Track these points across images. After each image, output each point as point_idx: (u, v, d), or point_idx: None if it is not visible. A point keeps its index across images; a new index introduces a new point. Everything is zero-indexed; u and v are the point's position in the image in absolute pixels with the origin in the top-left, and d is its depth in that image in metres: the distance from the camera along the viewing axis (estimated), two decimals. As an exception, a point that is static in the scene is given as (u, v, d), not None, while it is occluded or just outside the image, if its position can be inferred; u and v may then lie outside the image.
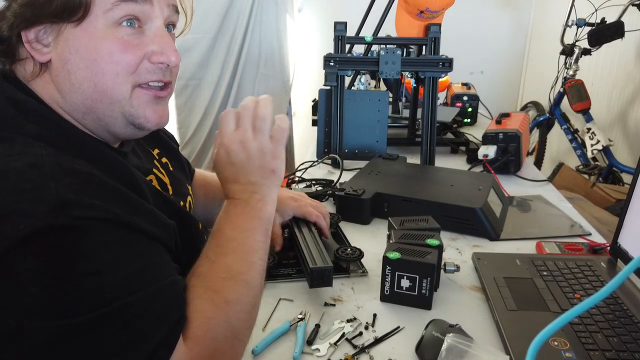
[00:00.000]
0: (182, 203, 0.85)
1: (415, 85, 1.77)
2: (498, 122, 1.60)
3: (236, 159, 0.73)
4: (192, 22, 0.78)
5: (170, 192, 0.82)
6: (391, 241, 0.88)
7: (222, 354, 0.59)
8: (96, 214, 0.53)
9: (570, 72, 2.61)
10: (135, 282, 0.54)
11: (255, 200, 0.72)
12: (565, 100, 2.65)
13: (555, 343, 0.71)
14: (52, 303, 0.49)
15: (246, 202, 0.72)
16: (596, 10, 2.48)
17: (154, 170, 0.80)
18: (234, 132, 0.74)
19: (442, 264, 0.89)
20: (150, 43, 0.64)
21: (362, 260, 0.95)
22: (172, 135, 0.97)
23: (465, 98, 2.11)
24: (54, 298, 0.49)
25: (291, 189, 1.33)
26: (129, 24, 0.62)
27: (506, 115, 1.64)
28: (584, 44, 2.53)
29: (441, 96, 2.31)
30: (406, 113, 1.93)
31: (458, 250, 1.05)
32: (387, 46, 1.49)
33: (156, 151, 0.87)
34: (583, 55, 2.59)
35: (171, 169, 0.88)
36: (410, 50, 1.68)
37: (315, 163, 1.52)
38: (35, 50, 0.61)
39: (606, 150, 2.44)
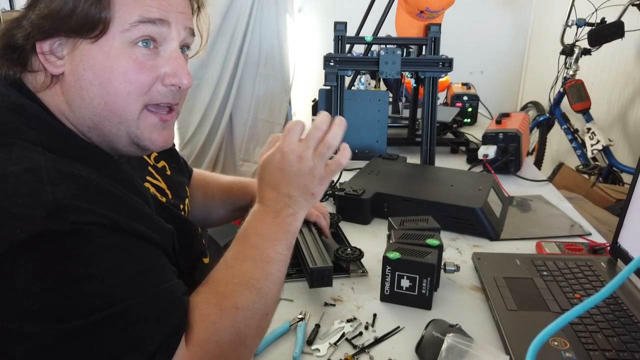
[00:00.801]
0: (181, 206, 0.85)
1: (415, 85, 1.77)
2: (498, 122, 1.60)
3: (287, 168, 0.73)
4: (207, 44, 0.78)
5: (170, 197, 0.82)
6: (391, 241, 0.88)
7: (225, 359, 0.59)
8: (94, 219, 0.53)
9: (570, 72, 2.61)
10: (134, 285, 0.54)
11: (287, 213, 0.72)
12: (565, 100, 2.65)
13: (555, 343, 0.71)
14: (52, 306, 0.49)
15: (277, 213, 0.72)
16: (596, 10, 2.48)
17: (148, 177, 0.80)
18: (296, 144, 0.74)
19: (442, 264, 0.89)
20: (164, 65, 0.65)
21: (362, 260, 0.95)
22: None
23: (465, 98, 2.11)
24: (53, 301, 0.49)
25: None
26: (144, 44, 0.62)
27: (506, 115, 1.64)
28: (584, 44, 2.53)
29: (441, 96, 2.31)
30: (406, 113, 1.93)
31: (458, 250, 1.04)
32: (387, 46, 1.49)
33: (154, 155, 0.87)
34: (583, 55, 2.59)
35: (169, 172, 0.88)
36: (410, 50, 1.68)
37: (315, 163, 1.52)
38: (49, 62, 0.62)
39: (606, 150, 2.44)
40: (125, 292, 0.53)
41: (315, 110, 1.96)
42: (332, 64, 1.47)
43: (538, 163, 2.79)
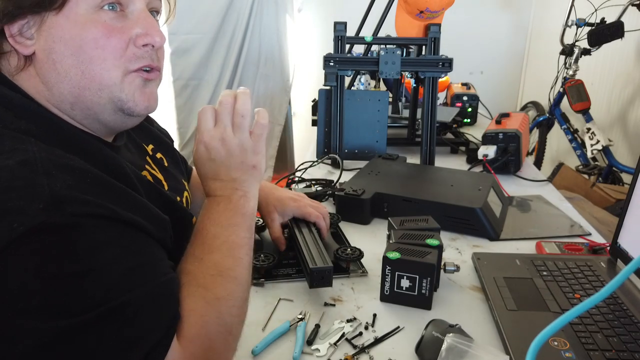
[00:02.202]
0: (178, 198, 0.85)
1: (415, 85, 1.77)
2: (498, 122, 1.60)
3: (216, 155, 0.72)
4: (176, 7, 0.77)
5: (166, 188, 0.82)
6: (391, 241, 0.88)
7: (216, 350, 0.59)
8: (91, 210, 0.53)
9: (570, 72, 2.61)
10: (133, 280, 0.54)
11: (238, 196, 0.72)
12: (565, 100, 2.65)
13: (555, 343, 0.71)
14: (51, 303, 0.49)
15: (228, 199, 0.71)
16: (596, 10, 2.48)
17: (146, 167, 0.79)
18: (213, 129, 0.73)
19: (442, 264, 0.89)
20: (133, 26, 0.64)
21: (362, 260, 0.95)
22: (166, 131, 0.96)
23: (465, 98, 2.11)
24: (52, 297, 0.49)
25: (291, 189, 1.33)
26: (110, 7, 0.62)
27: (506, 115, 1.64)
28: (584, 44, 2.53)
29: (441, 96, 2.31)
30: (406, 113, 1.93)
31: (458, 250, 1.04)
32: (387, 46, 1.49)
33: (150, 147, 0.86)
34: (583, 55, 2.59)
35: (166, 164, 0.87)
36: (410, 50, 1.68)
37: (315, 163, 1.52)
38: (19, 43, 0.61)
39: (606, 150, 2.44)
40: (124, 286, 0.53)
41: (315, 111, 1.96)
42: (332, 64, 1.47)
43: (538, 163, 2.79)
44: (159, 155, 0.87)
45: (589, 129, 2.51)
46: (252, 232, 0.72)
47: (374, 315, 0.81)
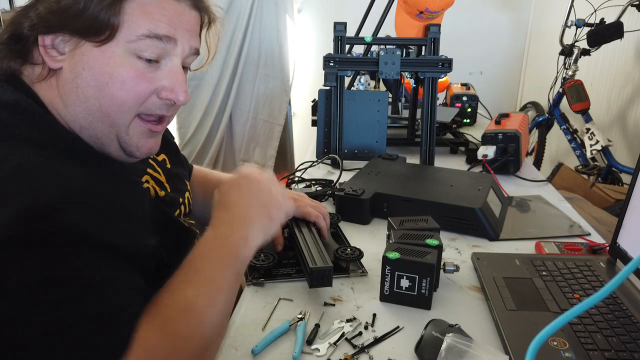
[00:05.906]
0: (180, 200, 0.85)
1: (414, 85, 1.77)
2: (497, 122, 1.60)
3: (246, 184, 0.75)
4: (212, 59, 0.79)
5: (168, 190, 0.82)
6: (391, 241, 0.88)
7: None
8: (60, 228, 0.51)
9: (570, 73, 2.62)
10: (83, 300, 0.51)
11: (238, 237, 0.69)
12: (564, 100, 2.65)
13: (555, 343, 0.71)
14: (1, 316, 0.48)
15: (227, 237, 0.68)
16: (595, 11, 2.49)
17: (148, 170, 0.79)
18: (256, 169, 0.79)
19: (442, 264, 0.89)
20: (163, 78, 0.65)
21: (362, 260, 0.95)
22: (169, 130, 0.97)
23: (464, 98, 2.11)
24: (1, 311, 0.48)
25: (291, 189, 1.33)
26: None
27: (505, 115, 1.64)
28: (583, 44, 2.53)
29: (440, 96, 2.31)
30: (406, 113, 1.93)
31: (457, 250, 1.05)
32: (387, 46, 1.49)
33: None
34: (582, 56, 2.59)
35: (169, 165, 0.88)
36: (410, 50, 1.69)
37: (315, 163, 1.53)
38: (49, 56, 0.61)
39: (605, 151, 2.44)
40: (73, 306, 0.50)
41: (315, 111, 1.96)
42: (331, 64, 1.47)
43: (537, 163, 2.79)
44: (162, 156, 0.87)
45: (588, 129, 2.51)
46: (239, 278, 0.68)
47: (374, 315, 0.82)
